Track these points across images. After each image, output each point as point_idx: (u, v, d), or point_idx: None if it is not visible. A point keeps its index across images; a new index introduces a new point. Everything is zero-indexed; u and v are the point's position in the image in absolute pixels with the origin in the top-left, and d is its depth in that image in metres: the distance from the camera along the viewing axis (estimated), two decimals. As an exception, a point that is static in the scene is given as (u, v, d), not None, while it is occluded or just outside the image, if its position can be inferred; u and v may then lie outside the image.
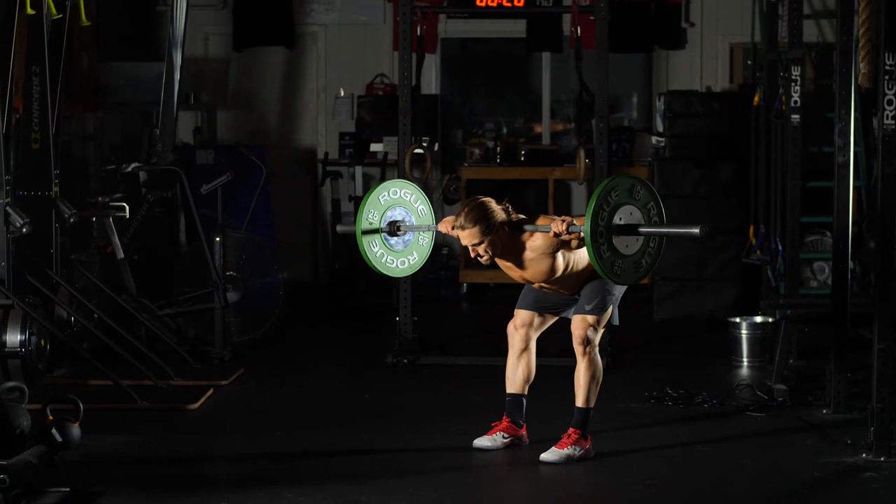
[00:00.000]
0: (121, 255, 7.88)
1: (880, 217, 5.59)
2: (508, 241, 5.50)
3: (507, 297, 5.94)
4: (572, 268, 5.54)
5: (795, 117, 7.82)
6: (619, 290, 5.62)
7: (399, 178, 8.28)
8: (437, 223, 5.71)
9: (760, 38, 9.23)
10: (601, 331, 5.60)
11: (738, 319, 7.83)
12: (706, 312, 9.27)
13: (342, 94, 11.03)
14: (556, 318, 5.77)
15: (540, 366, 5.85)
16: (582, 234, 5.18)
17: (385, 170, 10.62)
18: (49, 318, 7.08)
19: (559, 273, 5.53)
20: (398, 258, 5.75)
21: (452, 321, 9.66)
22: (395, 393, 7.07)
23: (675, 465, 5.61)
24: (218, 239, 7.90)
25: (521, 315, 5.75)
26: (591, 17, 7.93)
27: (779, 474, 5.45)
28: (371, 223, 5.65)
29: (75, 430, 5.11)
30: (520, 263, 5.54)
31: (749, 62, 10.11)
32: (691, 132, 9.48)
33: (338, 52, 11.20)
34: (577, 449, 5.55)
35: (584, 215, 5.14)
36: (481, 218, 5.42)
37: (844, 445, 5.76)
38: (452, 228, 5.55)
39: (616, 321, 5.69)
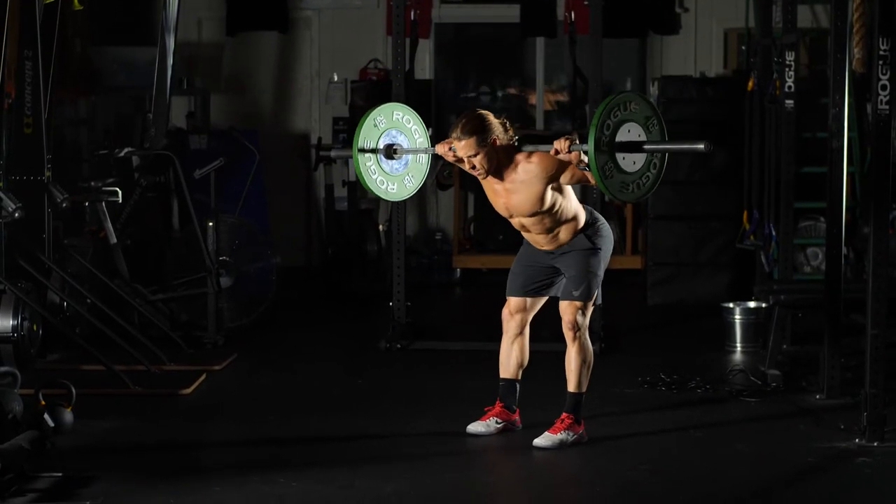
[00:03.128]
0: (113, 239, 7.86)
1: (874, 202, 5.59)
2: (504, 158, 5.43)
3: (500, 282, 5.93)
4: (557, 211, 5.47)
5: (789, 103, 7.82)
6: (602, 269, 5.60)
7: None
8: (433, 146, 5.63)
9: (755, 24, 9.21)
10: (589, 313, 5.59)
11: (731, 305, 7.81)
12: (700, 298, 9.26)
13: (336, 78, 11.00)
14: (545, 298, 5.74)
15: (534, 350, 5.85)
16: (584, 152, 5.12)
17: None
18: (42, 303, 7.08)
19: (544, 207, 5.43)
20: (392, 182, 5.68)
21: (446, 306, 9.66)
22: (388, 378, 7.07)
23: (669, 450, 5.61)
24: (211, 224, 7.90)
25: (513, 301, 5.72)
26: (585, 2, 7.94)
27: (772, 459, 5.45)
28: (368, 146, 5.57)
29: (68, 415, 5.10)
30: (509, 187, 5.45)
31: (743, 47, 10.08)
32: (685, 117, 9.44)
33: (332, 37, 11.18)
34: (571, 434, 5.55)
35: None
36: (478, 128, 5.35)
37: (838, 431, 5.76)
38: (449, 149, 5.48)
39: (599, 300, 5.67)
